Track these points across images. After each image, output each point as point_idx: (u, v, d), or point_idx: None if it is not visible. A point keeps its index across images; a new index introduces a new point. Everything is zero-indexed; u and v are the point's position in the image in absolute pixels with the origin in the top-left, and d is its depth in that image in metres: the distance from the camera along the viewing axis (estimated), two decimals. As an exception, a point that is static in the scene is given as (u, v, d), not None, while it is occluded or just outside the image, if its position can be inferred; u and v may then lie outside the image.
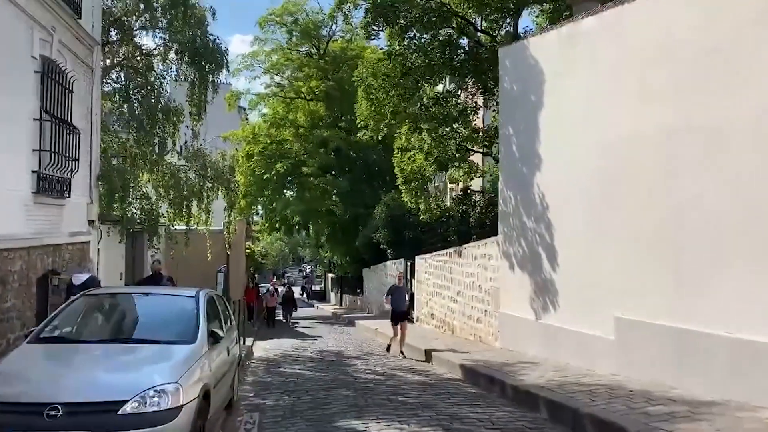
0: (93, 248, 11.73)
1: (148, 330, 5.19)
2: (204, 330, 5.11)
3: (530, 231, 9.91)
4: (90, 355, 4.59)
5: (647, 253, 7.12)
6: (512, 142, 10.73)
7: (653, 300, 6.97)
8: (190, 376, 4.33)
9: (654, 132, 7.06)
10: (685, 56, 6.72)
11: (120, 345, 4.75)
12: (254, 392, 8.12)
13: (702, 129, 6.45)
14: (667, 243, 6.84)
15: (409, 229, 20.96)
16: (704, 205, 6.39)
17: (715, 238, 6.24)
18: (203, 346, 4.98)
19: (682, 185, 6.68)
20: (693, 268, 6.50)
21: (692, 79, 6.63)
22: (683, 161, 6.69)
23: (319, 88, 28.50)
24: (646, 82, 7.26)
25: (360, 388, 8.13)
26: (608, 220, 7.82)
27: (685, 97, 6.70)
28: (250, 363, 11.29)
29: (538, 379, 7.54)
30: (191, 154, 14.73)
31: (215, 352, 5.28)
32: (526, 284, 10.00)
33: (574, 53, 8.74)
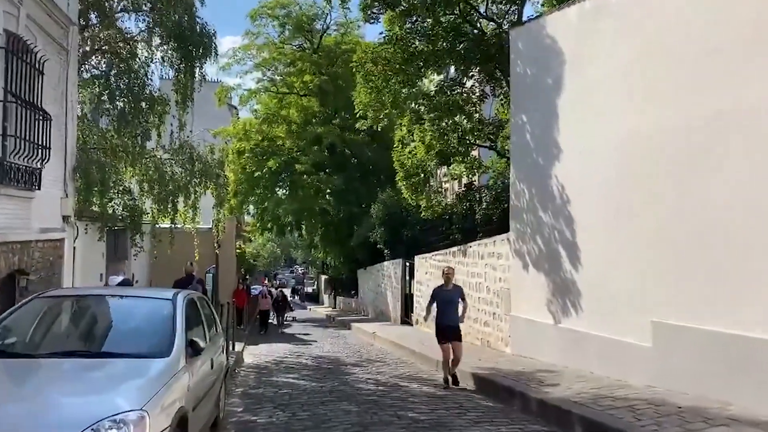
0: (68, 246, 10.74)
1: (114, 341, 4.28)
2: (182, 340, 4.20)
3: (547, 227, 9.07)
4: (36, 376, 3.64)
5: (689, 250, 6.29)
6: (525, 131, 9.90)
7: (696, 303, 6.14)
8: (160, 400, 3.42)
9: (696, 119, 6.23)
10: (737, 31, 5.91)
11: (77, 361, 3.81)
12: (244, 406, 7.20)
13: (748, 116, 5.63)
14: (712, 239, 6.01)
15: (407, 228, 20.09)
16: (752, 199, 5.57)
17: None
18: (180, 360, 4.07)
19: (727, 178, 5.86)
20: (743, 267, 5.68)
21: (743, 58, 5.81)
22: (728, 152, 5.87)
23: (313, 83, 27.56)
24: (688, 60, 6.44)
25: (362, 401, 7.24)
26: (642, 215, 6.99)
27: (736, 79, 5.87)
28: (240, 371, 10.36)
29: (565, 391, 6.68)
30: (177, 147, 13.77)
31: (196, 365, 4.38)
32: (542, 285, 9.16)
33: (600, 30, 7.90)
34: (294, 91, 29.07)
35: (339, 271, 32.68)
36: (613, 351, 7.35)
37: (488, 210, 12.40)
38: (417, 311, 17.04)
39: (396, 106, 12.29)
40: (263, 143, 28.19)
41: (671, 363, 6.37)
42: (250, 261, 53.50)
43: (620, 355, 7.18)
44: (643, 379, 6.72)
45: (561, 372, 8.00)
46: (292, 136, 28.17)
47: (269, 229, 32.83)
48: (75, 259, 11.03)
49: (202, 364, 4.62)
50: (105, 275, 13.79)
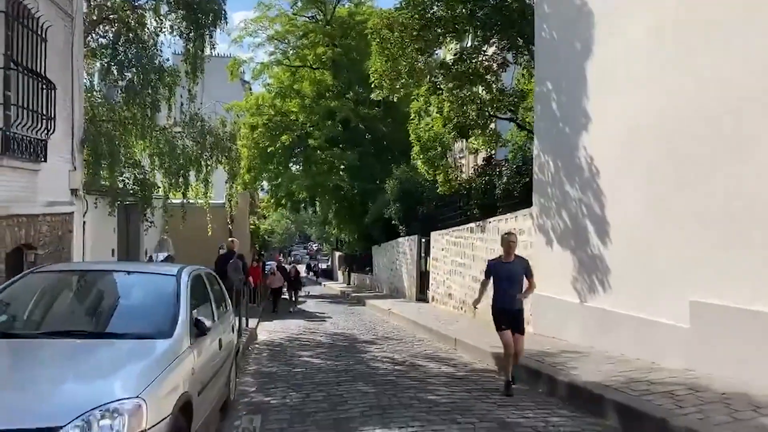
0: (77, 220, 10.50)
1: (112, 320, 3.96)
2: (186, 320, 3.87)
3: (574, 201, 8.59)
4: (22, 358, 3.32)
5: (734, 226, 5.80)
6: (551, 100, 9.35)
7: (740, 282, 5.68)
8: (160, 385, 3.09)
9: (753, 80, 5.67)
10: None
11: (69, 342, 3.49)
12: (256, 386, 6.94)
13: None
14: (762, 215, 5.51)
15: (423, 204, 19.67)
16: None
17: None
18: (184, 341, 3.75)
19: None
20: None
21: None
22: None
23: (326, 55, 26.94)
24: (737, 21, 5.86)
25: (379, 381, 6.93)
26: (680, 187, 6.48)
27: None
28: (254, 348, 10.14)
29: (594, 373, 6.30)
30: (188, 120, 13.40)
31: (202, 346, 4.06)
32: (567, 262, 8.72)
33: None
34: (307, 64, 28.48)
35: (353, 248, 32.45)
36: (645, 332, 6.92)
37: (509, 184, 11.89)
38: (433, 288, 16.72)
39: (412, 76, 11.76)
40: (276, 118, 27.78)
41: (711, 345, 5.94)
42: (264, 237, 53.57)
43: (653, 336, 6.76)
44: (680, 362, 6.30)
45: (588, 353, 7.61)
46: (305, 111, 27.70)
47: (283, 206, 32.63)
48: (85, 234, 10.79)
49: (209, 345, 4.30)
50: (117, 250, 13.60)
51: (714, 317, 5.92)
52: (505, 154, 16.11)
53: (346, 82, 28.42)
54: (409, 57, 11.43)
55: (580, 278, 8.40)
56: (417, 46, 11.33)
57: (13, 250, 8.34)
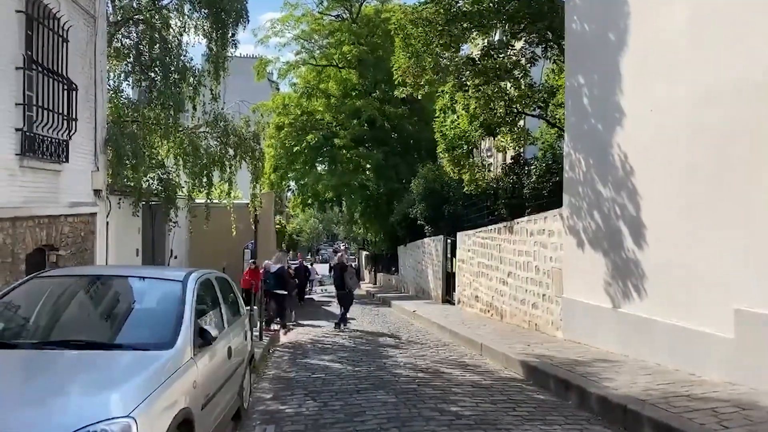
0: (100, 221, 10.51)
1: (109, 330, 3.76)
2: (189, 329, 3.66)
3: (607, 201, 8.14)
4: (9, 372, 3.12)
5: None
6: (583, 95, 8.91)
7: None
8: (155, 402, 2.87)
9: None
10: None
11: (60, 354, 3.29)
12: (273, 393, 6.74)
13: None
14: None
15: (449, 204, 19.28)
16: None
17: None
18: (186, 352, 3.54)
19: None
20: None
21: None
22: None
23: (351, 53, 26.72)
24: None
25: (400, 390, 6.64)
26: (723, 186, 6.01)
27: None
28: (275, 351, 9.97)
29: (629, 386, 5.89)
30: (211, 120, 13.34)
31: (207, 356, 3.84)
32: (599, 265, 8.28)
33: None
34: (332, 63, 28.33)
35: (379, 248, 32.20)
36: (684, 341, 6.47)
37: (538, 183, 11.46)
38: (459, 290, 16.35)
39: (437, 72, 11.43)
40: (302, 117, 27.71)
41: (758, 358, 5.47)
42: (293, 237, 53.79)
43: (693, 346, 6.30)
44: (722, 375, 5.85)
45: (621, 362, 7.18)
46: (330, 110, 27.56)
47: (310, 205, 32.57)
48: (108, 235, 10.80)
49: (216, 354, 4.08)
50: (141, 251, 13.64)
51: (762, 327, 5.45)
52: (534, 153, 15.62)
53: (372, 80, 28.17)
54: (433, 53, 11.09)
55: (614, 283, 7.95)
56: (442, 42, 10.98)
57: (36, 251, 8.35)
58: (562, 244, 9.58)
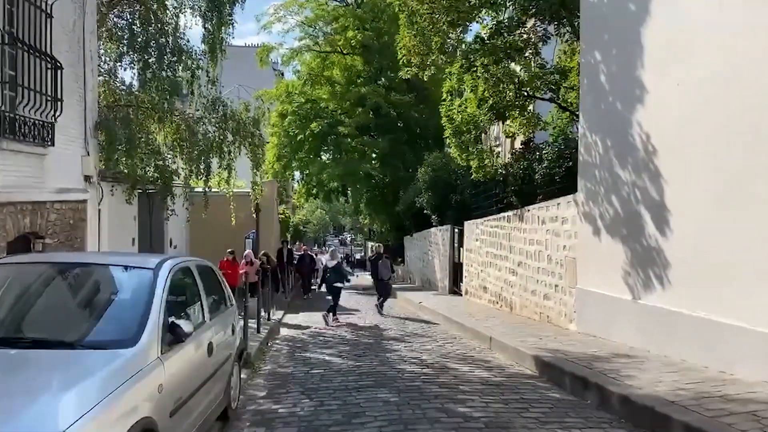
0: (92, 208, 10.06)
1: (65, 325, 3.27)
2: (156, 324, 3.18)
3: (627, 185, 7.58)
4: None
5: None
6: (599, 72, 8.32)
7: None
8: (103, 412, 2.39)
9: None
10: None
11: (3, 353, 2.82)
12: (267, 390, 6.28)
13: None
14: None
15: (456, 192, 18.73)
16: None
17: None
18: (151, 351, 3.06)
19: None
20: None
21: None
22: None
23: (356, 39, 26.10)
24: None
25: (404, 388, 6.16)
26: (758, 168, 5.45)
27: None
28: (273, 344, 9.52)
29: (655, 385, 5.37)
30: (209, 104, 12.83)
31: (178, 355, 3.37)
32: (617, 254, 7.74)
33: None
34: (337, 49, 27.73)
35: (385, 238, 31.74)
36: (713, 335, 5.93)
37: (550, 169, 10.89)
38: (466, 281, 15.84)
39: (444, 52, 10.85)
40: (306, 105, 27.20)
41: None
42: (299, 228, 53.50)
43: (724, 342, 5.77)
44: (758, 373, 5.31)
45: (643, 358, 6.66)
46: (335, 98, 27.00)
47: (315, 195, 32.11)
48: (101, 223, 10.37)
49: (192, 352, 3.61)
50: (138, 240, 13.22)
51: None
52: (544, 139, 15.04)
53: (377, 67, 27.59)
54: (440, 31, 10.52)
55: (633, 272, 7.41)
56: (449, 19, 10.40)
57: (19, 239, 7.91)
58: (576, 232, 9.04)
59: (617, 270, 7.74)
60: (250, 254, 13.80)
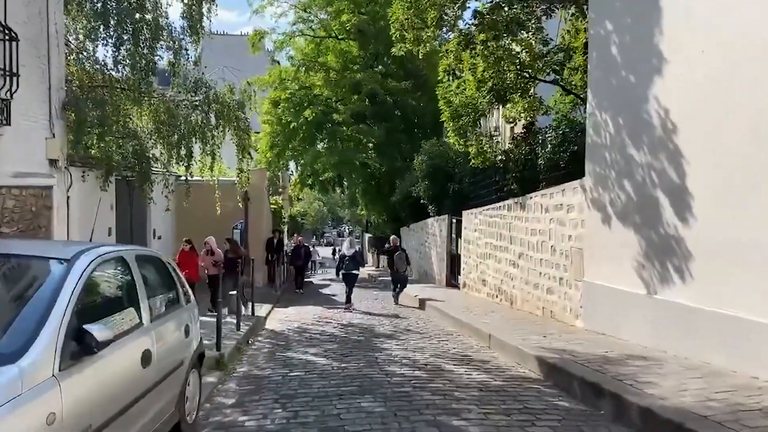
0: (59, 195, 9.30)
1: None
2: (55, 333, 2.45)
3: (641, 167, 6.84)
4: None
5: None
6: (611, 43, 7.55)
7: None
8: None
9: None
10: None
11: None
12: (238, 396, 5.56)
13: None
14: None
15: (454, 181, 17.99)
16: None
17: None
18: (45, 366, 2.34)
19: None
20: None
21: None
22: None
23: (351, 23, 25.18)
24: None
25: (391, 395, 5.44)
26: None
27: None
28: (255, 342, 8.80)
29: (679, 393, 4.66)
30: (191, 85, 12.01)
31: (90, 369, 2.64)
32: (630, 244, 7.01)
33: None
34: (331, 34, 26.83)
35: (381, 230, 31.03)
36: (742, 336, 5.22)
37: (554, 153, 10.16)
38: (464, 273, 15.12)
39: (440, 27, 10.07)
40: (299, 92, 26.34)
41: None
42: (297, 219, 52.74)
43: (755, 342, 5.05)
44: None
45: (660, 360, 5.95)
46: (329, 85, 26.11)
47: (310, 185, 31.30)
48: (70, 211, 9.61)
49: (114, 364, 2.87)
50: (115, 230, 12.46)
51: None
52: (546, 124, 14.29)
53: (373, 53, 26.71)
54: (435, 4, 9.72)
55: (649, 264, 6.69)
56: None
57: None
58: (583, 221, 8.31)
59: (630, 262, 7.01)
60: (210, 242, 12.12)
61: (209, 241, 12.10)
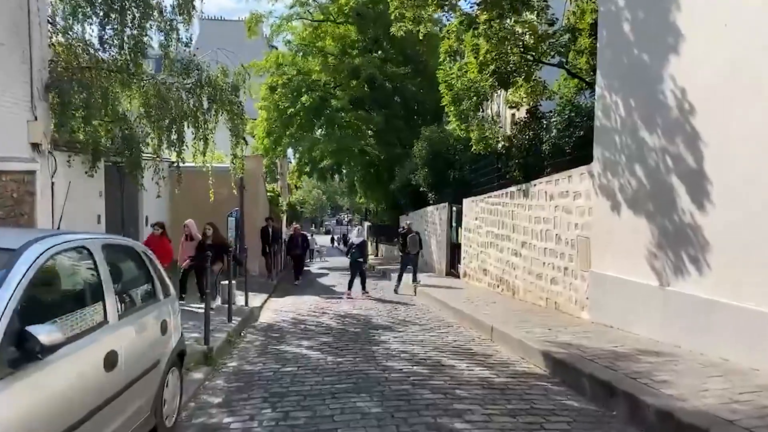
0: (42, 181, 8.91)
1: None
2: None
3: (655, 151, 6.45)
4: None
5: None
6: (623, 19, 7.12)
7: None
8: None
9: None
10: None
11: None
12: (225, 395, 5.22)
13: None
14: None
15: (454, 168, 17.60)
16: None
17: None
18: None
19: None
20: None
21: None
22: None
23: (349, 6, 24.62)
24: None
25: (389, 394, 5.10)
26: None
27: None
28: (247, 334, 8.46)
29: (699, 394, 4.31)
30: (182, 67, 11.55)
31: (37, 376, 2.28)
32: (642, 233, 6.64)
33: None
34: (329, 18, 26.24)
35: (380, 218, 30.69)
36: (764, 330, 4.87)
37: (559, 139, 9.76)
38: (465, 262, 14.79)
39: (441, 6, 9.62)
40: (297, 77, 25.79)
41: None
42: (296, 208, 52.32)
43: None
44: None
45: (675, 356, 5.60)
46: (327, 70, 25.58)
47: (308, 173, 30.84)
48: (54, 197, 9.22)
49: (68, 370, 2.51)
50: (104, 217, 12.06)
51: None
52: (550, 110, 13.86)
53: (372, 37, 26.13)
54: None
55: (662, 254, 6.32)
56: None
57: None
58: (590, 208, 7.93)
59: (641, 251, 6.65)
60: (190, 226, 10.86)
61: (189, 224, 10.90)
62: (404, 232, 15.26)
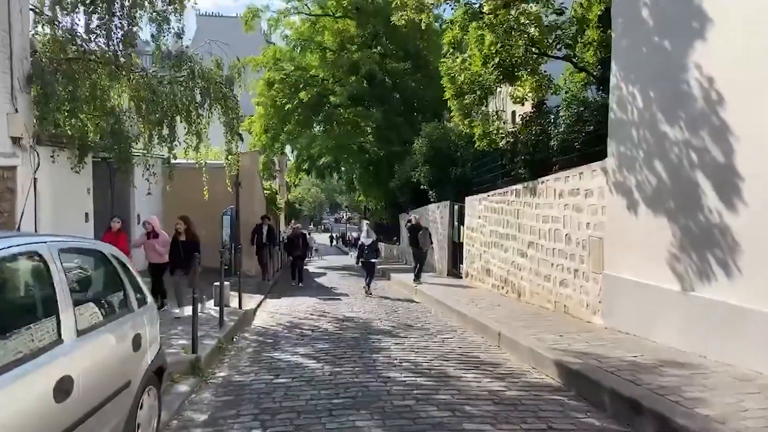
0: (23, 177, 8.45)
1: None
2: None
3: (677, 146, 6.00)
4: None
5: None
6: (641, 5, 6.66)
7: None
8: None
9: None
10: None
11: None
12: (211, 411, 4.76)
13: None
14: None
15: (456, 165, 17.15)
16: None
17: None
18: None
19: None
20: None
21: None
22: None
23: (348, 0, 24.15)
24: None
25: (391, 410, 4.64)
26: None
27: None
28: (240, 339, 8.00)
29: (739, 413, 3.87)
30: (174, 59, 11.08)
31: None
32: (662, 234, 6.19)
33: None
34: (328, 12, 25.75)
35: (380, 216, 30.21)
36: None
37: (568, 134, 9.32)
38: (467, 263, 14.34)
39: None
40: (295, 73, 25.30)
41: None
42: (295, 206, 51.81)
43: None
44: None
45: (702, 368, 5.16)
46: (326, 65, 25.10)
47: (306, 171, 30.35)
48: (38, 194, 8.76)
49: (5, 403, 2.05)
50: (93, 215, 11.58)
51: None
52: (555, 105, 13.40)
53: (372, 32, 25.65)
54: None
55: (684, 256, 5.87)
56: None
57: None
58: (604, 207, 7.48)
59: (660, 253, 6.20)
60: (152, 222, 9.42)
61: (151, 221, 9.52)
62: (413, 226, 14.92)
